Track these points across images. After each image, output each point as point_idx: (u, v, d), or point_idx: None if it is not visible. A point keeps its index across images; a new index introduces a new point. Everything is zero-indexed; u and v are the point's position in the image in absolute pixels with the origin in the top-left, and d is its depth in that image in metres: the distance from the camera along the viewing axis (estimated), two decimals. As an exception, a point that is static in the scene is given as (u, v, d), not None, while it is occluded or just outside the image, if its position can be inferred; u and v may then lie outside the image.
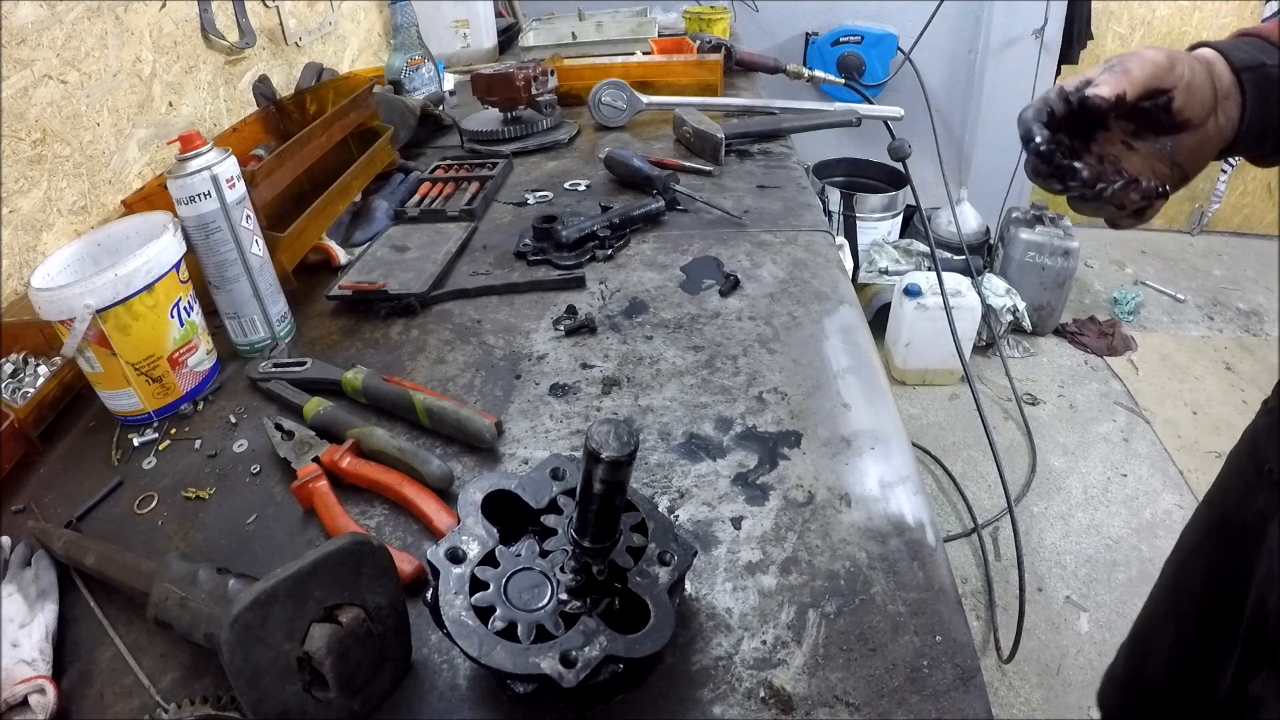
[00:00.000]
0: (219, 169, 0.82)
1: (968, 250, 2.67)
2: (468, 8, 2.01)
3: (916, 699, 0.50)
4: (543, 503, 0.55)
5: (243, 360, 0.91)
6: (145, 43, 1.16)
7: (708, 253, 1.05)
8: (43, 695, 0.54)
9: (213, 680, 0.55)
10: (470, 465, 0.73)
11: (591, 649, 0.46)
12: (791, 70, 1.82)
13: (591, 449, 0.44)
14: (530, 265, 1.06)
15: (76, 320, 0.74)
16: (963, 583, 1.95)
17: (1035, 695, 1.70)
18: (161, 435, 0.81)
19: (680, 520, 0.65)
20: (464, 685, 0.53)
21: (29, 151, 0.95)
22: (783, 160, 1.33)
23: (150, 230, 0.85)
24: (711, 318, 0.91)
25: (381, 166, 1.29)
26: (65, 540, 0.65)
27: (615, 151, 1.27)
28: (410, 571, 0.60)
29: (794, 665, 0.52)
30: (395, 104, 1.44)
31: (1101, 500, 2.18)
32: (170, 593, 0.55)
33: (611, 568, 0.51)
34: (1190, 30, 3.11)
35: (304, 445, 0.74)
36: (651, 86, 1.60)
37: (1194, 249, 3.46)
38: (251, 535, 0.68)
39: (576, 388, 0.82)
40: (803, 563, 0.60)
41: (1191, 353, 2.78)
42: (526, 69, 1.44)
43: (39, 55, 0.96)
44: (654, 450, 0.72)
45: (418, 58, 1.64)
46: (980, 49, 2.91)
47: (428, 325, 0.95)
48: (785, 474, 0.68)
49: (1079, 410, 2.52)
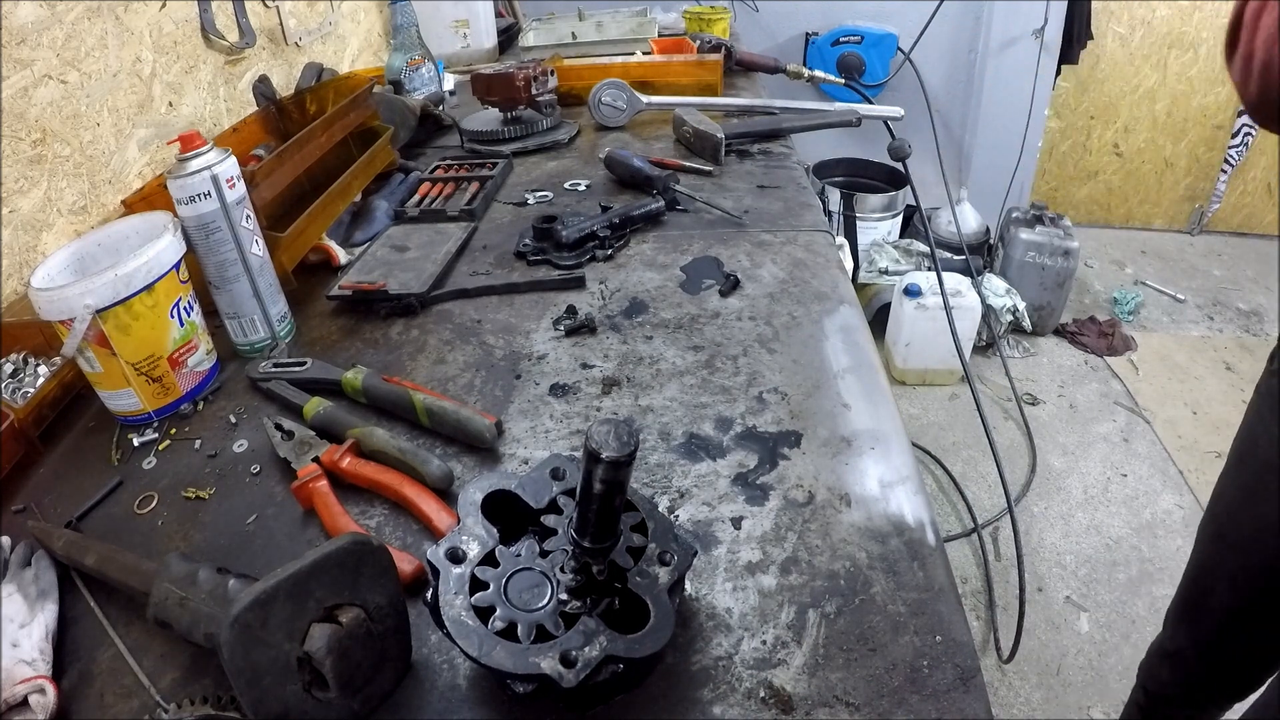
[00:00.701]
0: (219, 169, 0.82)
1: (968, 250, 2.67)
2: (468, 8, 2.01)
3: (916, 699, 0.50)
4: (543, 503, 0.55)
5: (243, 360, 0.91)
6: (145, 43, 1.16)
7: (708, 253, 1.05)
8: (43, 695, 0.54)
9: (213, 680, 0.55)
10: (470, 465, 0.73)
11: (591, 649, 0.46)
12: (791, 70, 1.82)
13: (591, 449, 0.44)
14: (530, 265, 1.06)
15: (76, 320, 0.74)
16: (963, 583, 1.95)
17: (1035, 695, 1.70)
18: (161, 435, 0.81)
19: (680, 520, 0.65)
20: (464, 685, 0.53)
21: (29, 151, 0.95)
22: (783, 160, 1.33)
23: (150, 230, 0.85)
24: (711, 318, 0.91)
25: (381, 166, 1.29)
26: (65, 540, 0.65)
27: (615, 151, 1.27)
28: (410, 571, 0.60)
29: (794, 665, 0.52)
30: (395, 104, 1.44)
31: (1101, 500, 2.18)
32: (170, 593, 0.55)
33: (611, 568, 0.51)
34: (1190, 30, 3.11)
35: (304, 445, 0.74)
36: (651, 86, 1.60)
37: (1194, 249, 3.46)
38: (251, 535, 0.68)
39: (576, 388, 0.82)
40: (803, 563, 0.60)
41: (1191, 353, 2.78)
42: (526, 69, 1.44)
43: (39, 55, 0.96)
44: (654, 450, 0.72)
45: (418, 58, 1.64)
46: (980, 49, 2.92)
47: (428, 325, 0.95)
48: (785, 474, 0.68)
49: (1079, 410, 2.52)
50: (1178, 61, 3.18)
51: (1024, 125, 2.95)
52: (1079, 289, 3.09)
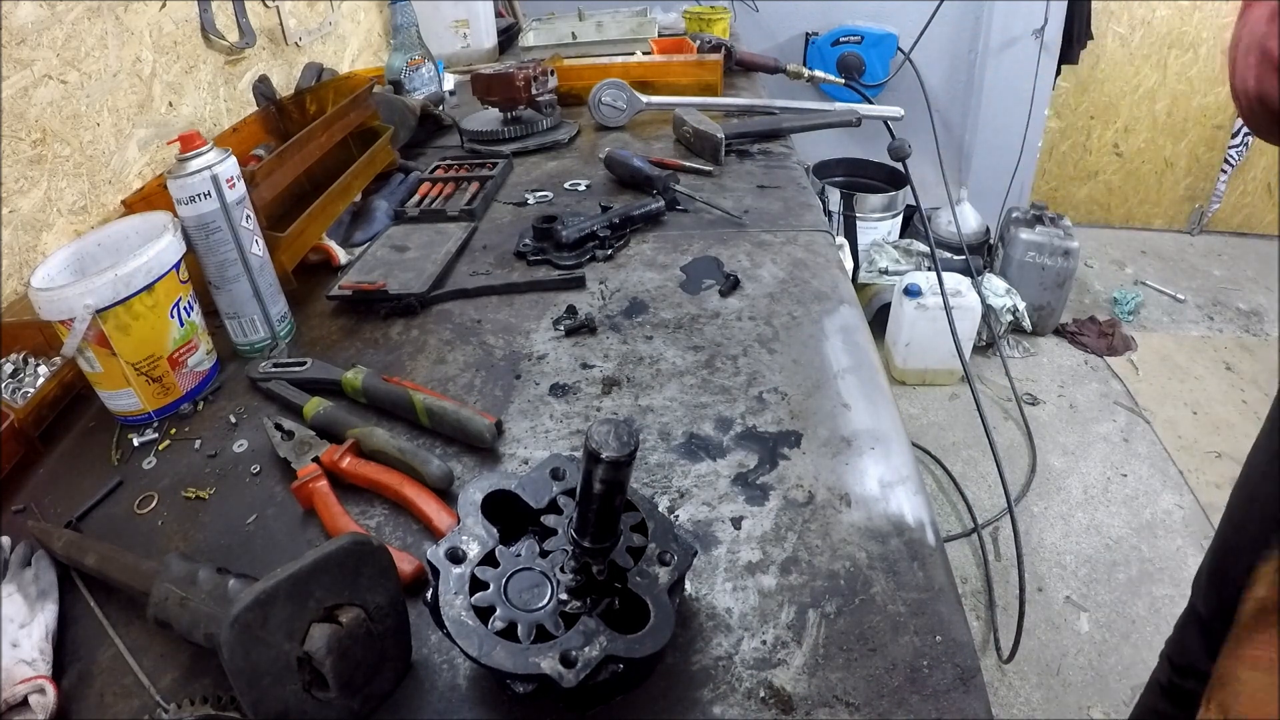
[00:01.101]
0: (219, 169, 0.82)
1: (968, 250, 2.67)
2: (468, 8, 2.01)
3: (916, 699, 0.50)
4: (543, 503, 0.55)
5: (243, 360, 0.91)
6: (145, 43, 1.16)
7: (708, 253, 1.05)
8: (43, 695, 0.54)
9: (213, 680, 0.55)
10: (470, 465, 0.73)
11: (591, 649, 0.46)
12: (791, 70, 1.82)
13: (591, 449, 0.44)
14: (530, 265, 1.06)
15: (76, 320, 0.74)
16: (963, 583, 1.95)
17: (1035, 695, 1.70)
18: (161, 435, 0.81)
19: (680, 520, 0.65)
20: (464, 685, 0.53)
21: (29, 151, 0.95)
22: (783, 160, 1.33)
23: (150, 230, 0.85)
24: (711, 318, 0.91)
25: (381, 166, 1.29)
26: (65, 540, 0.65)
27: (615, 151, 1.27)
28: (410, 571, 0.60)
29: (794, 665, 0.52)
30: (395, 104, 1.44)
31: (1101, 500, 2.18)
32: (170, 593, 0.55)
33: (611, 568, 0.51)
34: (1190, 30, 3.11)
35: (304, 445, 0.74)
36: (651, 86, 1.60)
37: (1194, 249, 3.45)
38: (251, 535, 0.68)
39: (576, 388, 0.82)
40: (803, 563, 0.60)
41: (1191, 353, 2.78)
42: (526, 69, 1.44)
43: (39, 55, 0.96)
44: (654, 450, 0.72)
45: (418, 58, 1.64)
46: (980, 49, 2.91)
47: (428, 325, 0.95)
48: (785, 474, 0.68)
49: (1079, 410, 2.52)
50: (1178, 61, 3.18)
51: (1024, 125, 2.95)
52: (1079, 289, 3.09)
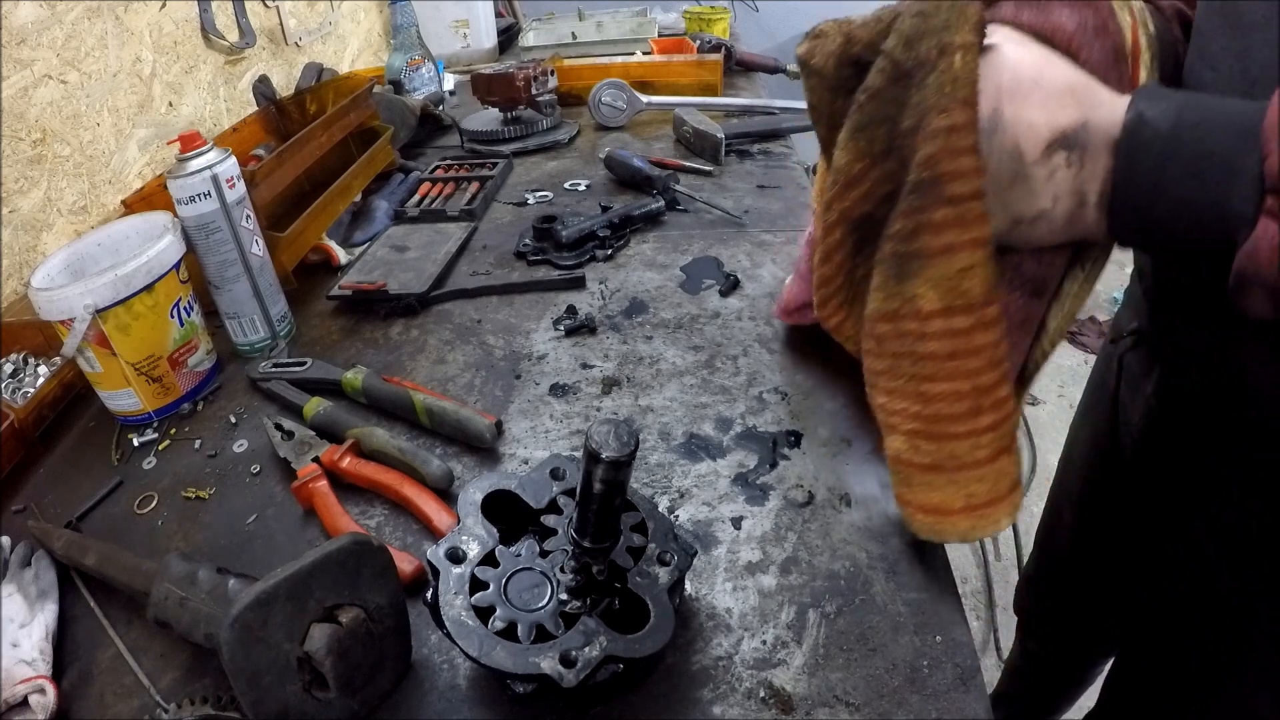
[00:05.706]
0: (219, 169, 0.82)
1: (968, 250, 2.66)
2: (468, 8, 2.01)
3: (916, 699, 0.50)
4: (543, 503, 0.55)
5: (243, 360, 0.91)
6: (145, 43, 1.16)
7: (708, 253, 1.05)
8: (43, 695, 0.54)
9: (213, 680, 0.55)
10: (470, 465, 0.73)
11: (591, 649, 0.46)
12: (791, 70, 1.81)
13: (591, 449, 0.44)
14: (530, 265, 1.06)
15: (76, 320, 0.74)
16: (963, 583, 1.95)
17: (1035, 695, 1.70)
18: (161, 435, 0.81)
19: (680, 520, 0.65)
20: (464, 685, 0.53)
21: (29, 151, 0.95)
22: (783, 160, 1.33)
23: (150, 230, 0.85)
24: (711, 318, 0.91)
25: (381, 166, 1.29)
26: (65, 540, 0.65)
27: (615, 151, 1.27)
28: (410, 571, 0.60)
29: (794, 665, 0.52)
30: (395, 104, 1.45)
31: (1101, 500, 2.18)
32: (170, 593, 0.55)
33: (611, 568, 0.51)
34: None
35: (304, 445, 0.74)
36: (651, 86, 1.60)
37: (1194, 249, 3.45)
38: (251, 535, 0.68)
39: (576, 388, 0.82)
40: (803, 563, 0.60)
41: (1191, 353, 2.77)
42: (526, 69, 1.44)
43: (39, 55, 0.96)
44: (654, 450, 0.72)
45: (418, 58, 1.64)
46: (980, 49, 2.91)
47: (428, 325, 0.95)
48: (785, 474, 0.68)
49: (1079, 410, 2.52)
50: (1178, 61, 3.18)
51: (1024, 125, 2.95)
52: (1079, 289, 3.09)
